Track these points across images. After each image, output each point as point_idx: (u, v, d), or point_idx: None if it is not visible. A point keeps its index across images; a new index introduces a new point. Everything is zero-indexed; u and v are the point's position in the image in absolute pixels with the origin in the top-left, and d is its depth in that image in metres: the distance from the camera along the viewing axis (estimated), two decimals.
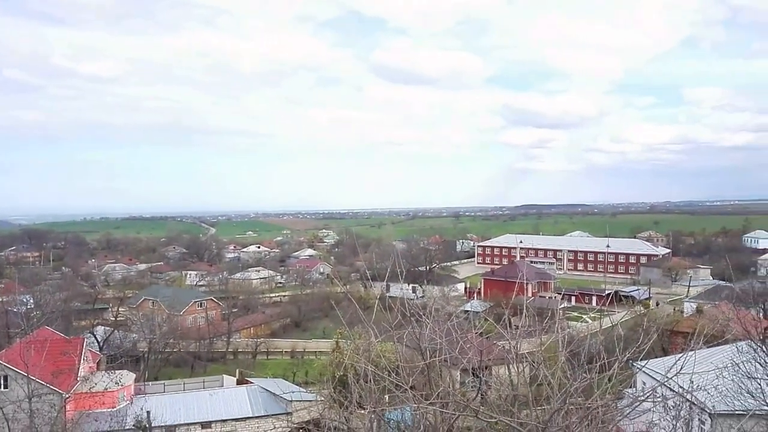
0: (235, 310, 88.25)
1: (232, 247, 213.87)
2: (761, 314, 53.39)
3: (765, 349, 22.00)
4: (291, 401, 43.25)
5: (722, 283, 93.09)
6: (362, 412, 10.35)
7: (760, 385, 20.67)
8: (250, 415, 44.47)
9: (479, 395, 9.58)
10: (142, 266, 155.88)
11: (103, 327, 68.68)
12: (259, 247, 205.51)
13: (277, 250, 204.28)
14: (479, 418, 8.40)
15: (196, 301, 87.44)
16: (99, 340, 62.11)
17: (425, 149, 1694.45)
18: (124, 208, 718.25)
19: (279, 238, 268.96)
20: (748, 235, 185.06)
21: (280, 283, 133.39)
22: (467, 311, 71.95)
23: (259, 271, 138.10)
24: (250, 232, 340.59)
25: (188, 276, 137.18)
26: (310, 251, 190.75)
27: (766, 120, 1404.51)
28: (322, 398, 21.70)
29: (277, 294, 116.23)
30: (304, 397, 42.00)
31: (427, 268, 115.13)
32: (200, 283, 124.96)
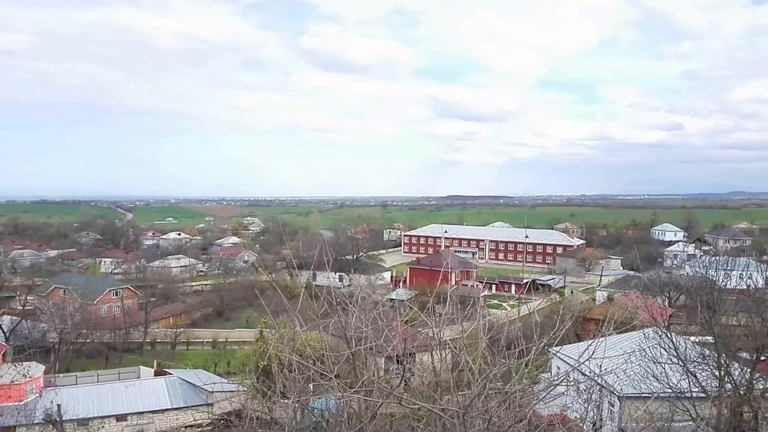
0: (153, 299, 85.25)
1: (151, 234, 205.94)
2: (666, 303, 57.04)
3: (669, 336, 23.54)
4: (212, 392, 42.39)
5: (631, 273, 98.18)
6: (286, 401, 10.29)
7: (664, 369, 22.12)
8: (169, 407, 43.33)
9: (403, 382, 9.72)
10: (53, 253, 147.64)
11: (9, 316, 64.71)
12: (179, 234, 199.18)
13: (199, 238, 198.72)
14: (402, 404, 8.53)
15: (111, 290, 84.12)
16: (5, 330, 58.66)
17: (354, 138, 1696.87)
18: (33, 191, 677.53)
19: (201, 225, 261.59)
20: (656, 228, 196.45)
21: (202, 271, 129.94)
22: (393, 300, 72.82)
23: (179, 258, 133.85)
24: (170, 219, 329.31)
25: (103, 263, 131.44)
26: (234, 239, 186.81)
27: (676, 119, 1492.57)
28: (245, 389, 21.40)
29: (198, 283, 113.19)
30: (225, 388, 41.27)
31: (355, 256, 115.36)
32: (116, 271, 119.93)
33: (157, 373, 50.11)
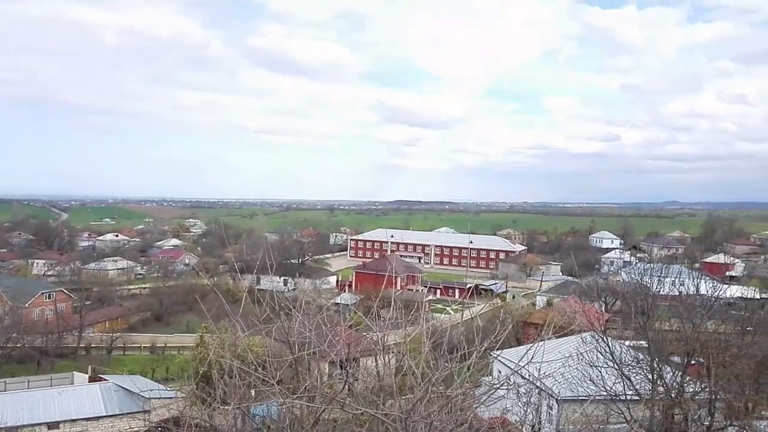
0: (89, 302, 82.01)
1: (87, 235, 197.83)
2: (603, 308, 58.97)
3: (606, 340, 24.32)
4: (149, 399, 41.14)
5: (570, 278, 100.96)
6: (226, 408, 10.07)
7: (600, 372, 22.82)
8: (104, 414, 41.78)
9: (346, 387, 9.67)
10: None
11: None
12: (117, 236, 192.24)
13: (138, 240, 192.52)
14: (345, 410, 8.48)
15: (44, 293, 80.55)
16: None
17: (300, 140, 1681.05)
18: None
19: (140, 227, 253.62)
20: (593, 235, 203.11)
21: (141, 274, 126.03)
22: (338, 304, 72.52)
23: (116, 261, 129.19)
24: (108, 219, 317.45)
25: (35, 265, 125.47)
26: (174, 241, 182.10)
27: (613, 130, 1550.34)
28: (183, 395, 20.85)
29: (136, 286, 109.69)
30: (163, 395, 40.12)
31: (300, 260, 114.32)
32: (49, 273, 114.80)
33: (91, 379, 48.32)
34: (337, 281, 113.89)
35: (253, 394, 10.32)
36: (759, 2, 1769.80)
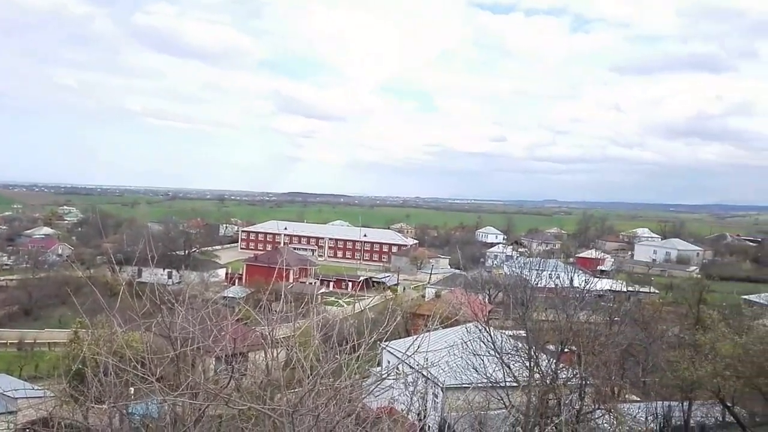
0: None
1: None
2: (487, 299, 61.74)
3: (488, 330, 25.46)
4: (15, 399, 37.94)
5: (457, 271, 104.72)
6: (101, 407, 9.50)
7: (482, 361, 23.87)
8: None
9: (231, 382, 9.42)
10: None
11: None
12: None
13: (5, 227, 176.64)
14: (229, 406, 8.26)
15: None
16: None
17: (190, 126, 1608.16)
18: None
19: (7, 213, 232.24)
20: (480, 230, 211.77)
21: (7, 265, 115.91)
22: (227, 297, 70.65)
23: None
24: None
25: None
26: (46, 230, 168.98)
27: (501, 132, 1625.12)
28: (54, 394, 19.46)
29: (2, 278, 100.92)
30: (31, 394, 37.15)
31: (186, 252, 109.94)
32: None
33: None
34: (227, 274, 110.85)
35: (131, 392, 9.82)
36: (633, 18, 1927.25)
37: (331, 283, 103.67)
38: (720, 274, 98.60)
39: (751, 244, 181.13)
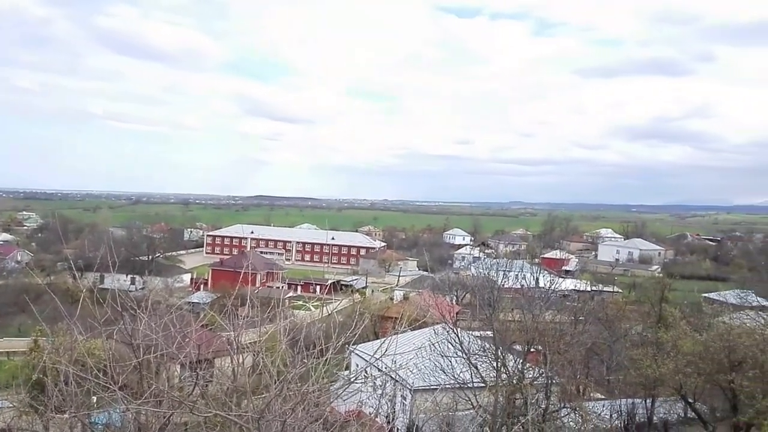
0: None
1: None
2: (454, 301, 62.15)
3: (456, 331, 25.62)
4: None
5: (426, 273, 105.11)
6: (62, 417, 9.27)
7: (450, 362, 24.01)
8: None
9: (196, 389, 9.27)
10: None
11: None
12: None
13: None
14: (194, 413, 8.13)
15: None
16: None
17: (153, 129, 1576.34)
18: None
19: None
20: (447, 232, 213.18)
21: None
22: (192, 303, 69.56)
23: None
24: None
25: None
26: (5, 236, 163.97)
27: (467, 134, 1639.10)
28: (13, 405, 18.91)
29: None
30: None
31: (150, 257, 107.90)
32: None
33: None
34: (192, 279, 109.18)
35: (93, 401, 9.59)
36: (595, 22, 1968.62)
37: (299, 287, 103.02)
38: (681, 273, 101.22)
39: (710, 243, 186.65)
